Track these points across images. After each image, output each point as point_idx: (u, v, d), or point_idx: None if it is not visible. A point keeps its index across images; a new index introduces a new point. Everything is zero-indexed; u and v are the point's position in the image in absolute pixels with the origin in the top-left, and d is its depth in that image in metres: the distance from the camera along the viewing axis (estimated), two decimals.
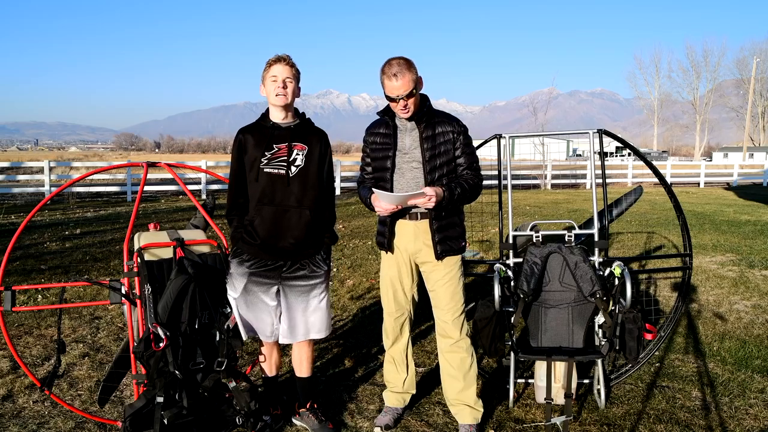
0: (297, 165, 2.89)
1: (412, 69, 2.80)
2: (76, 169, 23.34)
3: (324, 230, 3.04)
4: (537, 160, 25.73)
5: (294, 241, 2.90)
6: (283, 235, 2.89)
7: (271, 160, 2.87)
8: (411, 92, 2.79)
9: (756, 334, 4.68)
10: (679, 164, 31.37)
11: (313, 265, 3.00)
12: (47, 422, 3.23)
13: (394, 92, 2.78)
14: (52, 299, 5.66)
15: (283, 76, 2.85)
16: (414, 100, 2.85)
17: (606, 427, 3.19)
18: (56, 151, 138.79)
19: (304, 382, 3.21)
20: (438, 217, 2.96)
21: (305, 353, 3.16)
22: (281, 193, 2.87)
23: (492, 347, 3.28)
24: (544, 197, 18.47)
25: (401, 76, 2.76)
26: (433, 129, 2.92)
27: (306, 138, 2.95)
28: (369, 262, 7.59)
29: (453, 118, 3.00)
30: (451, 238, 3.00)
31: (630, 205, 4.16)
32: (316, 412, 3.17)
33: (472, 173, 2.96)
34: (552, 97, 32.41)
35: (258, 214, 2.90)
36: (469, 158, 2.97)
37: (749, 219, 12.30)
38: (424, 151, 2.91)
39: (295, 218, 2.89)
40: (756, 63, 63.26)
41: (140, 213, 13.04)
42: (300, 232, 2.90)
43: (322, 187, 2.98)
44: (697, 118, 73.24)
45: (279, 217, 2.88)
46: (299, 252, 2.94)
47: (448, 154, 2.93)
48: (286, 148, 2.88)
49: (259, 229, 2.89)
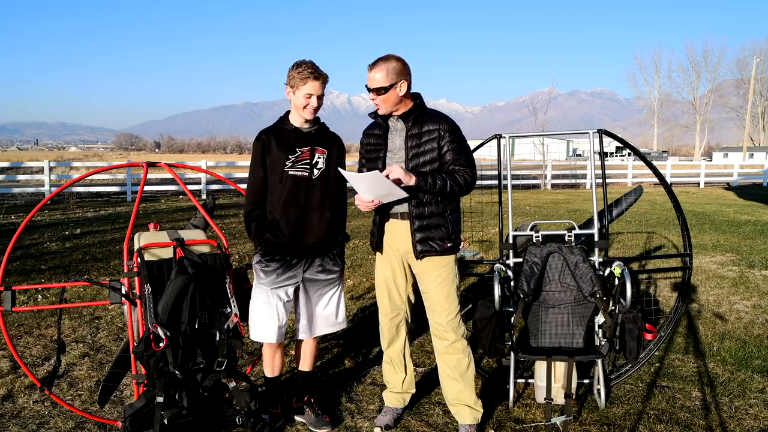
0: (319, 168, 3.01)
1: (391, 67, 2.81)
2: (76, 169, 23.33)
3: (341, 229, 3.14)
4: (537, 160, 25.73)
5: (316, 240, 3.03)
6: (307, 234, 3.02)
7: (295, 163, 2.98)
8: (384, 88, 2.81)
9: (756, 334, 4.68)
10: (679, 164, 31.38)
11: (331, 262, 3.13)
12: (47, 422, 3.23)
13: (368, 83, 2.86)
14: (52, 299, 5.66)
15: (318, 93, 2.95)
16: (390, 99, 2.85)
17: (606, 427, 3.19)
18: (56, 151, 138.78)
19: (305, 376, 3.30)
20: (419, 216, 2.92)
21: (310, 348, 3.27)
22: (304, 194, 2.99)
23: (492, 347, 3.27)
24: (544, 197, 18.47)
25: (377, 70, 2.82)
26: (419, 128, 2.91)
27: (326, 142, 3.07)
28: (369, 262, 7.59)
29: (442, 117, 2.94)
30: (433, 238, 2.94)
31: (630, 205, 4.16)
32: (313, 406, 3.23)
33: (460, 168, 2.87)
34: (552, 97, 32.42)
35: (284, 216, 2.99)
36: (456, 154, 2.88)
37: (749, 219, 12.30)
38: (408, 150, 2.91)
39: (317, 219, 3.01)
40: (756, 63, 63.27)
41: (140, 213, 13.03)
42: (321, 231, 3.02)
43: (340, 189, 3.09)
44: (697, 118, 73.25)
45: (303, 218, 3.00)
46: (320, 250, 3.07)
47: (432, 153, 2.88)
48: (308, 151, 3.00)
49: (285, 230, 2.99)
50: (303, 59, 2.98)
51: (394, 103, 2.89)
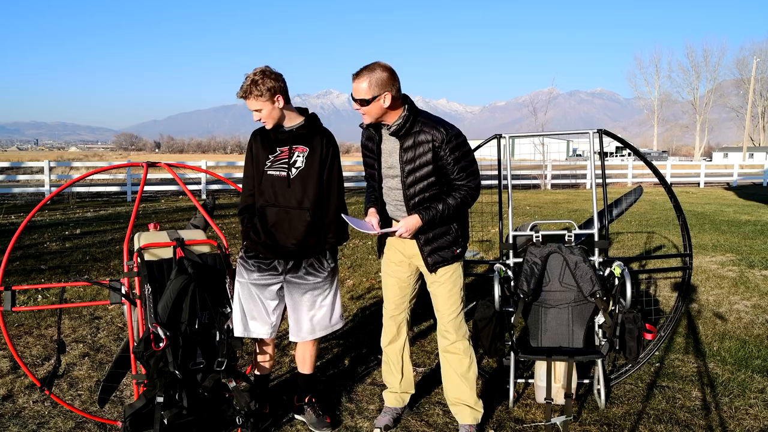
0: (297, 167, 2.94)
1: (375, 78, 2.68)
2: (76, 169, 23.32)
3: (327, 231, 3.05)
4: (537, 160, 25.72)
5: (295, 241, 2.97)
6: (285, 235, 2.97)
7: (273, 163, 2.95)
8: (366, 100, 2.72)
9: (756, 334, 4.68)
10: (679, 164, 31.36)
11: (316, 264, 3.05)
12: (47, 422, 3.23)
13: (353, 93, 2.76)
14: (52, 299, 5.66)
15: (254, 108, 2.89)
16: (372, 111, 2.75)
17: (606, 427, 3.19)
18: (56, 151, 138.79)
19: (305, 378, 3.28)
20: (423, 230, 2.89)
21: (309, 351, 3.23)
22: (282, 194, 2.94)
23: (492, 347, 3.27)
24: (544, 197, 18.46)
25: (360, 80, 2.70)
26: (412, 139, 2.81)
27: (309, 140, 2.98)
28: (369, 262, 7.59)
29: (434, 126, 2.79)
30: (442, 248, 2.93)
31: (630, 205, 4.16)
32: (314, 407, 3.22)
33: (461, 184, 2.82)
34: (552, 97, 32.42)
35: (262, 215, 2.98)
36: (453, 168, 2.80)
37: (749, 219, 12.30)
38: (403, 165, 2.84)
39: (296, 219, 2.95)
40: (756, 63, 63.31)
41: (140, 213, 13.03)
42: (300, 233, 2.96)
43: (322, 188, 3.00)
44: (697, 118, 73.26)
45: (281, 218, 2.96)
46: (301, 252, 3.00)
47: (427, 166, 2.79)
48: (287, 150, 2.95)
49: (262, 229, 2.99)
50: (249, 72, 2.86)
51: (378, 114, 2.78)
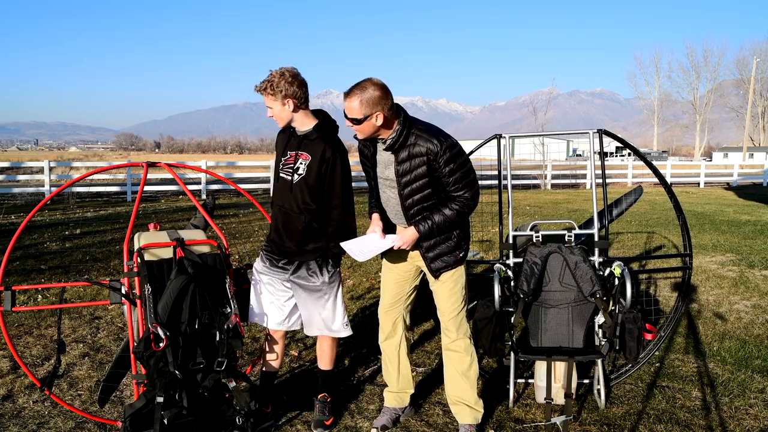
0: (300, 174, 3.00)
1: (366, 97, 2.65)
2: (76, 169, 23.32)
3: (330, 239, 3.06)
4: (537, 160, 25.73)
5: (294, 244, 3.07)
6: (287, 236, 3.08)
7: (284, 166, 3.06)
8: (357, 120, 2.70)
9: (756, 334, 4.68)
10: (679, 164, 31.37)
11: (316, 269, 3.12)
12: (47, 422, 3.23)
13: (345, 111, 2.75)
14: (52, 299, 5.66)
15: (267, 105, 2.99)
16: (365, 129, 2.74)
17: (606, 427, 3.19)
18: (56, 151, 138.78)
19: (322, 373, 3.33)
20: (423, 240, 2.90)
21: (326, 345, 3.28)
22: (287, 198, 3.04)
23: (492, 347, 3.28)
24: (544, 197, 18.47)
25: (351, 99, 2.67)
26: (407, 152, 2.79)
27: (313, 147, 2.99)
28: (369, 262, 7.59)
29: (431, 138, 2.74)
30: (444, 253, 2.94)
31: (630, 205, 4.16)
32: (323, 404, 3.24)
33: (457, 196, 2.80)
34: (552, 97, 32.43)
35: (274, 214, 3.17)
36: (448, 179, 2.77)
37: (749, 219, 12.30)
38: (399, 178, 2.83)
39: (296, 223, 3.04)
40: (756, 63, 63.32)
41: (140, 213, 13.03)
42: (298, 236, 3.06)
43: (322, 196, 3.00)
44: (697, 118, 73.28)
45: (285, 220, 3.08)
46: (300, 255, 3.10)
47: (423, 178, 2.78)
48: (294, 156, 3.03)
49: (273, 227, 3.18)
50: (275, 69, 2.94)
51: (371, 132, 2.77)
